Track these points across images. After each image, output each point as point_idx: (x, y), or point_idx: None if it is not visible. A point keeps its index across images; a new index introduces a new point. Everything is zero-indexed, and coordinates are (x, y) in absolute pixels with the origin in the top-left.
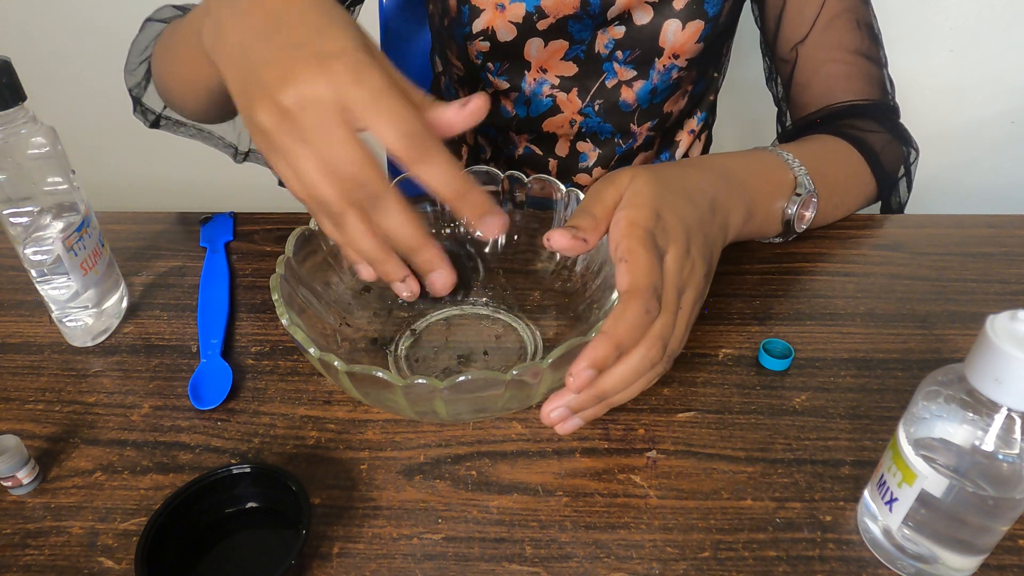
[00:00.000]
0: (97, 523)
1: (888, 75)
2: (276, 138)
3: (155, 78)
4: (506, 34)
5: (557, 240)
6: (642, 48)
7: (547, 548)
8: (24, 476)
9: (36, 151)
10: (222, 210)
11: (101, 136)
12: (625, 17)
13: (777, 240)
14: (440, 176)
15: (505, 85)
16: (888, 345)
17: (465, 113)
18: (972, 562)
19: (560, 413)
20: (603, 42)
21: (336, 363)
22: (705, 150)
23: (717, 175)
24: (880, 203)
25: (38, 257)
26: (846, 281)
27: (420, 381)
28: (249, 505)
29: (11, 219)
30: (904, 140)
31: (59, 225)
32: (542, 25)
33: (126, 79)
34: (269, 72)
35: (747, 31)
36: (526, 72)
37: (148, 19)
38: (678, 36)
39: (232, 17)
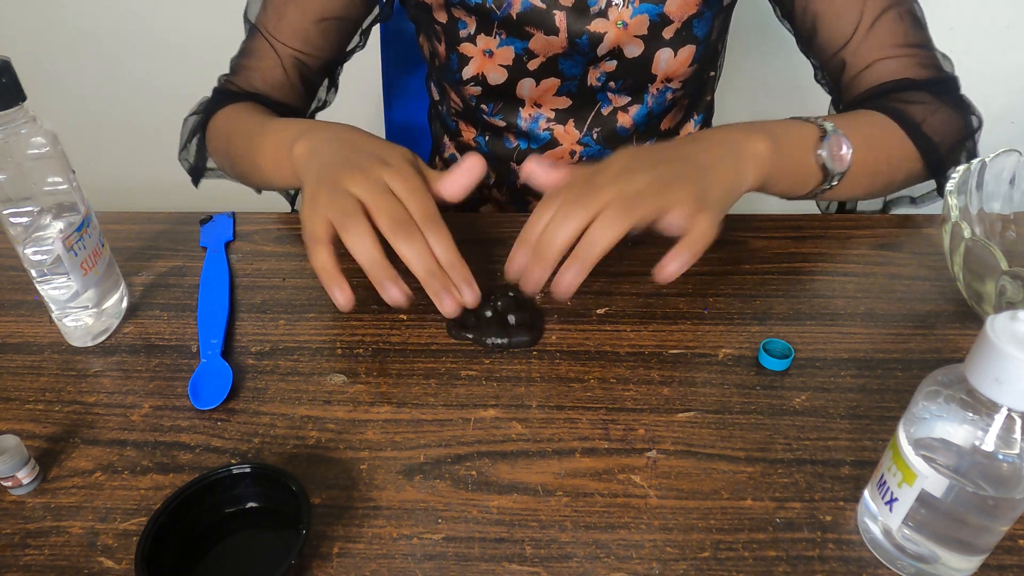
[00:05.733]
0: (97, 523)
1: (939, 52)
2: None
3: (216, 159)
4: (497, 77)
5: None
6: (635, 77)
7: (547, 548)
8: (24, 476)
9: (36, 151)
10: (222, 210)
11: (101, 136)
12: (616, 52)
13: (825, 189)
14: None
15: (502, 123)
16: (888, 345)
17: (460, 183)
18: (972, 562)
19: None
20: (595, 76)
21: None
22: None
23: (722, 131)
24: (935, 184)
25: (38, 257)
26: (846, 281)
27: None
28: (249, 505)
29: (11, 219)
30: (961, 108)
31: (59, 225)
32: (532, 65)
33: (182, 163)
34: (346, 168)
35: (747, 30)
36: (520, 109)
37: (185, 118)
38: (671, 63)
39: (325, 144)
